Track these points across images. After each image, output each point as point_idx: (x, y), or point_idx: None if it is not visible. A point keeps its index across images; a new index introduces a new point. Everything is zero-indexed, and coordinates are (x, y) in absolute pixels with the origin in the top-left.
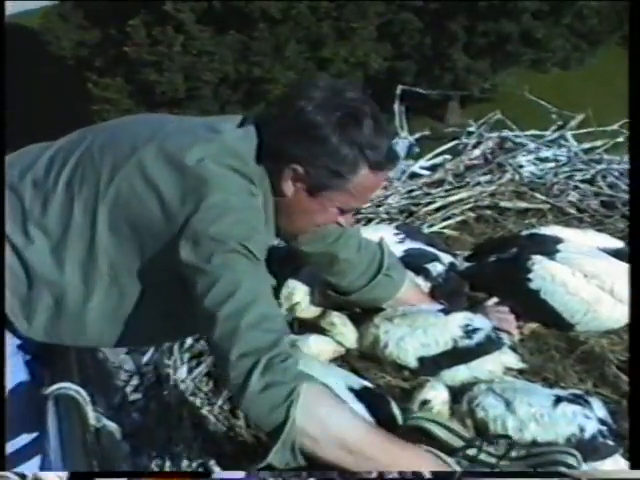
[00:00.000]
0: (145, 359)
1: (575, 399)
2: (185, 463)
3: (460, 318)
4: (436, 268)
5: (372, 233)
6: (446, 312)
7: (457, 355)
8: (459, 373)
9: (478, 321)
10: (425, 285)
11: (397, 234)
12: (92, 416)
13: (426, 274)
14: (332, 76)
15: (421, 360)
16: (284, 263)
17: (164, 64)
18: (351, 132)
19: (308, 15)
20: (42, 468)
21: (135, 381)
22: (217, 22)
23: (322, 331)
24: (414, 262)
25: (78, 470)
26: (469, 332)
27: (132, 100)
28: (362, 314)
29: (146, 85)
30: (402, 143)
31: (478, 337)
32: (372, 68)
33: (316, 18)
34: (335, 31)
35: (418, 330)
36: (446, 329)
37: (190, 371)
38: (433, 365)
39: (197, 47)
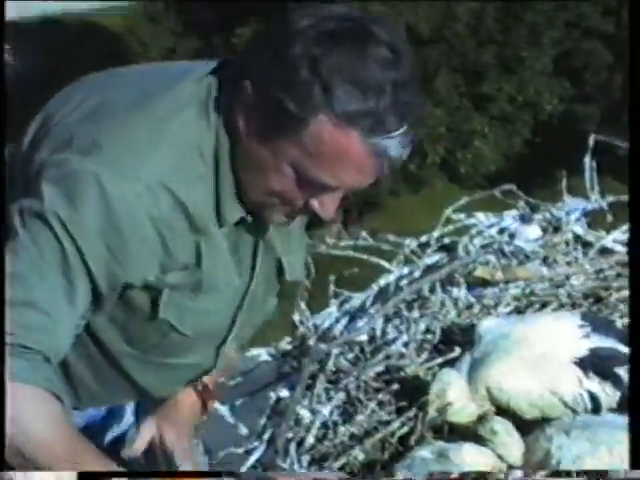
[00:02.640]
0: (250, 460)
1: None
2: None
3: None
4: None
5: (551, 322)
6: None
7: None
8: None
9: None
10: (614, 395)
11: (582, 326)
12: None
13: (615, 380)
14: (491, 118)
15: None
16: None
17: None
18: (326, 57)
19: (466, 37)
20: None
21: None
22: None
23: (480, 440)
24: (601, 364)
25: None
26: None
27: None
28: (532, 422)
29: None
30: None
31: None
32: (544, 111)
33: (476, 42)
34: (499, 60)
35: (601, 447)
36: None
37: None
38: None
39: None
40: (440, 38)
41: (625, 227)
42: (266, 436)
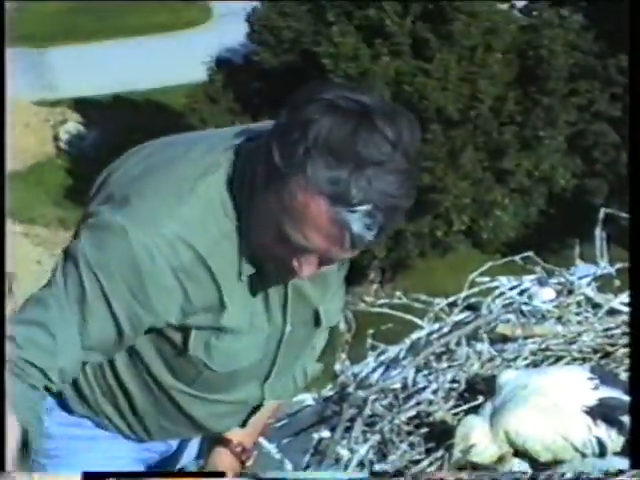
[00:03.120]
0: None
1: None
2: None
3: None
4: None
5: (564, 374)
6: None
7: None
8: None
9: None
10: (618, 440)
11: (591, 378)
12: None
13: (620, 427)
14: (511, 191)
15: None
16: None
17: None
18: (318, 124)
19: (490, 118)
20: None
21: None
22: None
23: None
24: (608, 413)
25: None
26: None
27: None
28: (545, 464)
29: None
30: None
31: None
32: (558, 184)
33: (499, 122)
34: (519, 139)
35: None
36: None
37: None
38: None
39: None
40: (466, 119)
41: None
42: (309, 471)
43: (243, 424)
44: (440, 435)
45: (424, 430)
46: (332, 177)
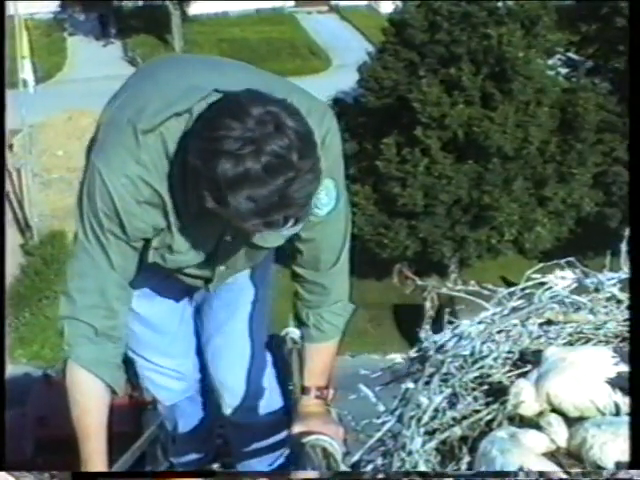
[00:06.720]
0: (383, 429)
1: None
2: None
3: None
4: None
5: (593, 353)
6: None
7: None
8: None
9: None
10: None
11: (613, 357)
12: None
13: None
14: (549, 212)
15: (617, 465)
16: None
17: (408, 181)
18: (230, 179)
19: (537, 156)
20: None
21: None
22: (458, 151)
23: (539, 428)
24: (624, 384)
25: None
26: None
27: (376, 207)
28: (575, 419)
29: (389, 196)
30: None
31: None
32: (584, 210)
33: (543, 160)
34: (557, 174)
35: (619, 438)
36: None
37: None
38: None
39: (438, 170)
40: (519, 156)
41: None
42: (397, 413)
43: (207, 282)
44: (497, 392)
45: (485, 387)
46: (254, 211)
